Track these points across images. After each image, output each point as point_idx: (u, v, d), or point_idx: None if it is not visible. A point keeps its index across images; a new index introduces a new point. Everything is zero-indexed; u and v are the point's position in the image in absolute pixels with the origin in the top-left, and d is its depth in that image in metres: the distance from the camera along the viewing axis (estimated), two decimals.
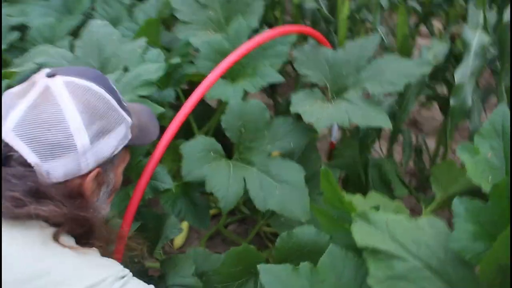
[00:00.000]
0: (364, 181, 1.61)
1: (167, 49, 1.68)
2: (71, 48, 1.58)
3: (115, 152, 0.87)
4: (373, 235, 0.78)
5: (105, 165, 0.86)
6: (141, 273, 1.15)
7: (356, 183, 1.64)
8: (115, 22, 1.83)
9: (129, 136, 0.90)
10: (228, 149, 1.33)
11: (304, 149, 1.42)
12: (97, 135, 0.82)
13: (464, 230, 0.73)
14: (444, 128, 1.92)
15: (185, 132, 1.55)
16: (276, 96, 2.13)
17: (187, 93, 1.54)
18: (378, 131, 1.68)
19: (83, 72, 0.87)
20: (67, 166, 0.79)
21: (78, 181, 0.82)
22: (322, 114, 1.24)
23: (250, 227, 1.81)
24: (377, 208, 0.86)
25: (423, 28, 2.26)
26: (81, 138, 0.79)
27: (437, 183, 1.50)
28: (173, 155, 1.48)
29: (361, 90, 1.29)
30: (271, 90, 2.12)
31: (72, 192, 0.81)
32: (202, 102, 2.06)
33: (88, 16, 1.91)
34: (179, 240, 1.70)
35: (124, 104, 0.91)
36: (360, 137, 1.50)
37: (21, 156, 0.76)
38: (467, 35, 1.24)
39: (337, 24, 1.67)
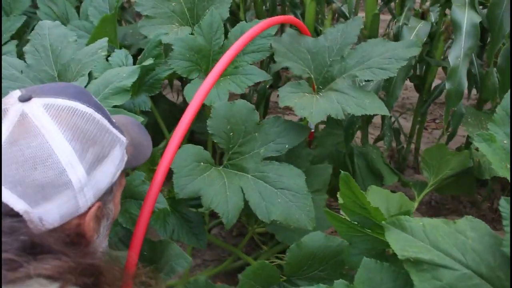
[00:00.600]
0: (351, 171, 1.58)
1: (125, 47, 1.57)
2: (19, 54, 1.43)
3: (114, 180, 0.75)
4: (412, 244, 0.74)
5: (104, 196, 0.75)
6: None
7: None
8: (62, 20, 1.69)
9: (125, 158, 0.79)
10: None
11: (296, 146, 1.37)
12: (93, 164, 0.71)
13: None
14: (417, 107, 1.93)
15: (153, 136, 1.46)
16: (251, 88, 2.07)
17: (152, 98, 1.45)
18: (368, 118, 1.66)
19: (63, 89, 0.73)
20: (63, 207, 0.68)
21: (76, 222, 0.71)
22: (314, 107, 1.18)
23: (234, 228, 1.75)
24: (406, 212, 0.83)
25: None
26: (76, 171, 0.68)
27: (428, 168, 1.50)
28: (150, 163, 1.38)
29: (350, 78, 1.25)
30: None
31: (71, 236, 0.69)
32: (166, 101, 1.97)
33: (30, 16, 1.75)
34: None
35: (114, 121, 0.79)
36: (345, 126, 1.46)
37: (6, 205, 0.64)
38: (456, 14, 1.22)
39: (304, 8, 1.61)
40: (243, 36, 1.03)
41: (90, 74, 1.28)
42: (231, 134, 1.21)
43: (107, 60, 1.31)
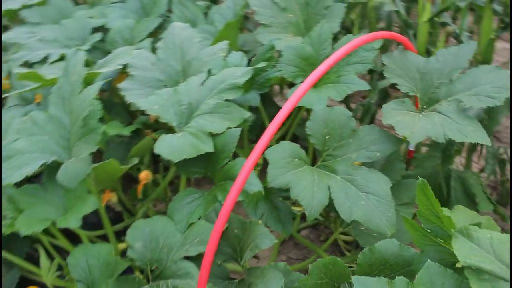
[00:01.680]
0: (445, 194, 1.60)
1: (244, 52, 1.74)
2: (152, 49, 1.67)
3: None
4: (476, 253, 0.79)
5: None
6: (223, 276, 1.21)
7: (436, 195, 1.63)
8: (191, 24, 1.91)
9: None
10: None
11: (388, 157, 1.44)
12: None
13: None
14: None
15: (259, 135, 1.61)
16: (349, 103, 2.15)
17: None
18: (472, 146, 1.66)
19: None
20: None
21: None
22: (415, 127, 1.24)
23: (322, 233, 1.84)
24: (478, 225, 0.87)
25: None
26: None
27: None
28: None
29: (455, 102, 1.29)
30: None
31: None
32: (275, 107, 2.13)
33: (165, 18, 2.01)
34: None
35: None
36: (442, 148, 1.49)
37: None
38: None
39: (417, 28, 1.67)
40: (344, 46, 1.14)
41: (209, 71, 1.47)
42: (327, 137, 1.32)
43: (225, 60, 1.50)
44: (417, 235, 0.99)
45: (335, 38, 1.54)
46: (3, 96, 1.70)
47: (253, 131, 1.73)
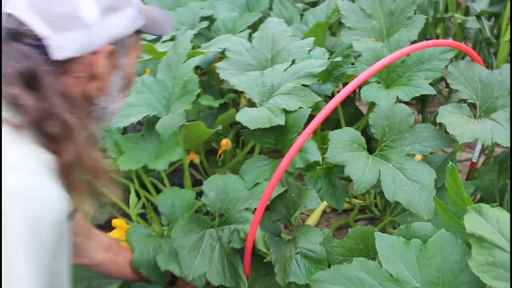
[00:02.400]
0: (498, 202, 1.69)
1: (330, 52, 1.96)
2: (249, 38, 1.94)
3: (127, 33, 0.89)
4: (482, 225, 0.95)
5: (118, 46, 0.89)
6: (276, 232, 1.44)
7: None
8: (288, 22, 2.16)
9: (140, 21, 0.93)
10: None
11: (443, 161, 1.58)
12: (107, 10, 0.85)
13: None
14: None
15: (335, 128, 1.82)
16: (425, 112, 2.28)
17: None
18: None
19: None
20: (78, 40, 0.81)
21: (89, 59, 0.85)
22: (466, 129, 1.39)
23: (377, 226, 2.00)
24: (493, 205, 1.02)
25: None
26: (91, 10, 0.82)
27: None
28: (321, 143, 1.75)
29: (508, 112, 1.41)
30: (421, 106, 2.28)
31: (77, 76, 0.85)
32: (353, 107, 2.32)
33: (265, 15, 2.28)
34: (310, 223, 1.96)
35: None
36: (500, 159, 1.60)
37: (30, 30, 0.78)
38: None
39: (498, 47, 1.78)
40: (413, 45, 1.32)
41: (293, 61, 1.71)
42: (387, 129, 1.49)
43: (309, 53, 1.73)
44: (444, 215, 1.14)
45: None
46: None
47: (328, 124, 1.93)
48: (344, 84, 1.94)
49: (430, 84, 1.59)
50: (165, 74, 1.64)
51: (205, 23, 2.23)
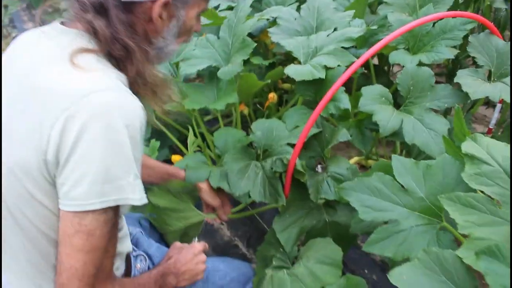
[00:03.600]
0: None
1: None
2: (297, 9, 2.26)
3: None
4: (475, 148, 1.25)
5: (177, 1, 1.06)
6: (311, 167, 1.76)
7: None
8: None
9: None
10: None
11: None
12: None
13: None
14: None
15: None
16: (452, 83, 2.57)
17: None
18: None
19: None
20: None
21: (149, 5, 1.02)
22: (478, 88, 1.68)
23: None
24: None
25: None
26: None
27: None
28: (355, 101, 2.07)
29: None
30: (448, 78, 2.57)
31: (136, 21, 1.03)
32: (387, 78, 2.61)
33: None
34: None
35: None
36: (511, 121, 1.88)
37: None
38: None
39: None
40: (425, 17, 1.61)
41: (335, 29, 2.03)
42: (411, 88, 1.80)
43: (349, 23, 2.04)
44: (450, 149, 1.44)
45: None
46: None
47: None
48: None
49: (456, 57, 1.88)
50: (226, 32, 1.98)
51: None
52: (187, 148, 2.04)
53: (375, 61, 2.65)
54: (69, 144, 0.88)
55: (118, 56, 1.01)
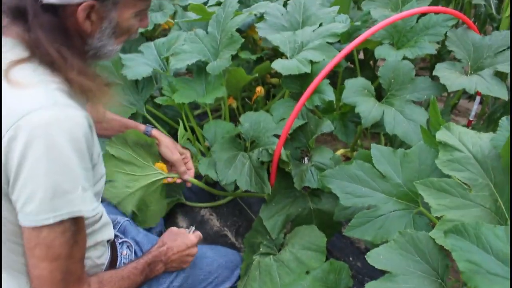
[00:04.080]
0: None
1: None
2: (284, 5, 2.33)
3: None
4: (448, 136, 1.33)
5: (104, 2, 1.04)
6: (296, 157, 1.84)
7: None
8: None
9: None
10: None
11: (441, 110, 1.96)
12: None
13: (503, 138, 1.25)
14: None
15: None
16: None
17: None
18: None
19: None
20: None
21: (73, 8, 1.01)
22: (456, 81, 1.77)
23: None
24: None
25: None
26: None
27: None
28: (339, 94, 2.14)
29: (493, 69, 1.78)
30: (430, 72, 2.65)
31: (62, 23, 1.02)
32: (372, 72, 2.69)
33: None
34: None
35: None
36: (489, 114, 1.96)
37: None
38: None
39: (499, 22, 2.14)
40: (406, 11, 1.69)
41: (320, 24, 2.10)
42: (392, 80, 1.87)
43: (333, 19, 2.12)
44: (426, 138, 1.52)
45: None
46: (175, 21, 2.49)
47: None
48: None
49: (438, 52, 1.96)
50: (214, 28, 2.05)
51: None
52: (177, 141, 2.10)
53: (361, 55, 2.73)
54: (15, 164, 0.92)
55: (48, 62, 1.01)
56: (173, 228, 1.49)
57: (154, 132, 1.78)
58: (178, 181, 1.82)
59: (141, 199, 1.74)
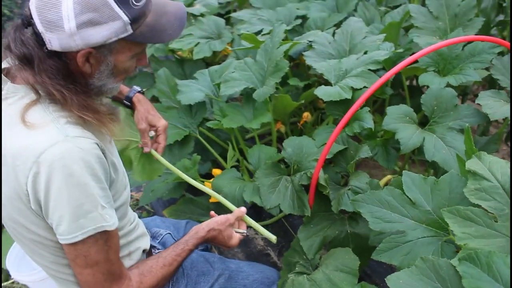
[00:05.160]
0: None
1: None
2: (333, 34, 2.41)
3: (109, 41, 1.12)
4: (478, 165, 1.34)
5: (100, 48, 1.13)
6: (337, 181, 1.89)
7: None
8: (369, 21, 2.60)
9: (128, 32, 1.14)
10: None
11: (487, 141, 1.94)
12: (86, 24, 1.07)
13: None
14: None
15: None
16: (466, 100, 2.62)
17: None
18: None
19: None
20: (61, 41, 1.08)
21: (73, 55, 1.12)
22: (499, 109, 1.76)
23: None
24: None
25: None
26: (69, 23, 1.05)
27: None
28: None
29: None
30: (463, 97, 2.63)
31: (66, 66, 1.13)
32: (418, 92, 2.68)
33: (350, 15, 2.74)
34: None
35: (133, 4, 1.13)
36: None
37: (35, 25, 1.08)
38: None
39: None
40: (447, 40, 1.71)
41: (365, 52, 2.15)
42: (435, 108, 1.89)
43: (378, 47, 2.16)
44: (461, 166, 1.53)
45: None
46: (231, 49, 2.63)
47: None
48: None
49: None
50: (262, 56, 2.16)
51: (299, 21, 2.73)
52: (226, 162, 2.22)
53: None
54: (42, 195, 1.07)
55: (54, 100, 1.13)
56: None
57: (135, 98, 1.76)
58: (145, 150, 1.76)
59: (126, 155, 1.81)
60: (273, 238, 1.61)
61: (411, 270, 1.21)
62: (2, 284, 2.20)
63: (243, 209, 1.58)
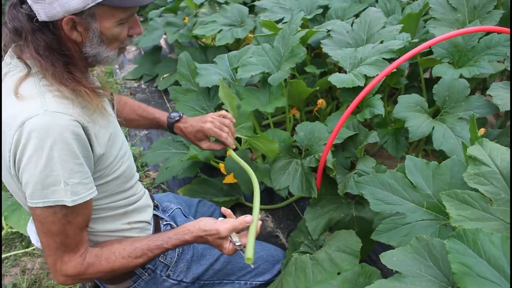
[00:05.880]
0: None
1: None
2: (352, 23, 2.44)
3: (87, 7, 1.16)
4: (479, 151, 1.37)
5: (82, 15, 1.18)
6: (346, 166, 1.93)
7: None
8: (389, 13, 2.62)
9: None
10: None
11: (499, 133, 1.96)
12: None
13: None
14: None
15: None
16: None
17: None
18: None
19: None
20: (45, 10, 1.14)
21: (59, 23, 1.18)
22: (509, 100, 1.77)
23: None
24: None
25: None
26: None
27: None
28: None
29: None
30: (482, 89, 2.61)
31: (57, 38, 1.19)
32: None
33: (371, 6, 2.76)
34: None
35: None
36: None
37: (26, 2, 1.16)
38: None
39: None
40: (471, 27, 1.72)
41: (382, 41, 2.18)
42: (447, 98, 1.91)
43: (395, 36, 2.19)
44: (465, 153, 1.56)
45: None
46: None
47: None
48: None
49: None
50: (279, 42, 2.21)
51: (320, 10, 2.77)
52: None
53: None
54: (17, 160, 1.16)
55: (45, 72, 1.19)
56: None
57: (176, 126, 1.78)
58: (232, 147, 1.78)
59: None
60: (249, 256, 1.32)
61: (405, 248, 1.25)
62: (25, 250, 2.32)
63: (248, 218, 1.39)
